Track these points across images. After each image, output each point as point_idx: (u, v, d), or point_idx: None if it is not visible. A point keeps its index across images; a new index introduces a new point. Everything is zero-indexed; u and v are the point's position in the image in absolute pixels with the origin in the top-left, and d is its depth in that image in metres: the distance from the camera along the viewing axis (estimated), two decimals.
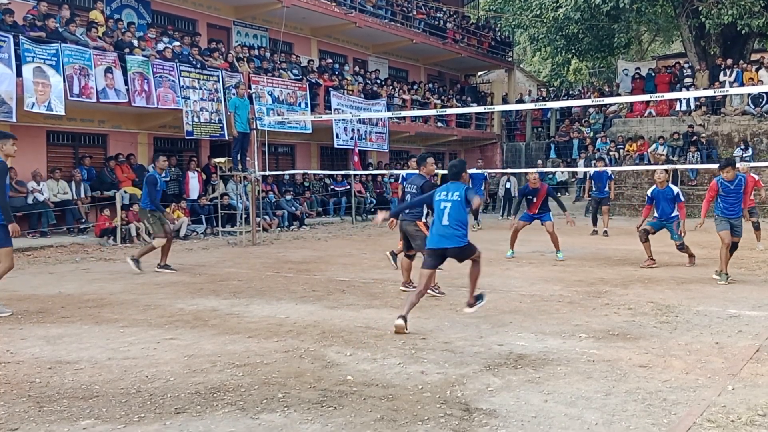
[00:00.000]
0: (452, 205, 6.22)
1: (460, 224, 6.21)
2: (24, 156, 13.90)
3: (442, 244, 6.24)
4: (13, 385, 4.51)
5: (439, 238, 6.27)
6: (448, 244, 6.22)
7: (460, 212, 6.21)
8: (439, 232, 6.26)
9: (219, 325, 6.31)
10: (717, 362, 5.00)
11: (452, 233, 6.18)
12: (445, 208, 6.24)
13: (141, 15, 17.26)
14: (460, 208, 6.21)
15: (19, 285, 8.71)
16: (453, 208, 6.21)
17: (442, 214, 6.25)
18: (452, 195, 6.25)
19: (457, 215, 6.20)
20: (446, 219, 6.22)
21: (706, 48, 25.19)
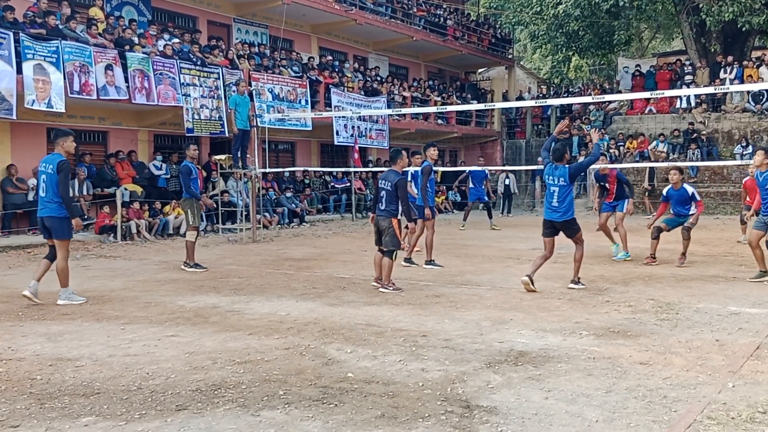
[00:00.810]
0: (560, 190, 7.81)
1: (567, 203, 7.79)
2: (24, 153, 13.91)
3: (551, 216, 7.89)
4: (15, 382, 4.52)
5: (548, 212, 7.92)
6: (556, 218, 7.83)
7: (568, 193, 7.81)
8: (549, 208, 7.91)
9: (220, 322, 6.32)
10: (717, 359, 5.01)
11: (560, 209, 7.81)
12: (554, 192, 7.81)
13: (141, 12, 17.24)
14: (567, 190, 7.80)
15: (19, 282, 8.70)
16: (561, 192, 7.81)
17: (551, 195, 7.85)
18: (558, 180, 7.81)
19: (565, 196, 7.80)
20: (556, 200, 7.83)
21: (706, 45, 25.17)
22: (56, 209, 7.14)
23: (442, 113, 24.08)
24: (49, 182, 7.14)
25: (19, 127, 13.74)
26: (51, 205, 7.15)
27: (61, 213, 7.15)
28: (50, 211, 7.15)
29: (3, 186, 13.21)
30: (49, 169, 7.18)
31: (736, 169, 21.24)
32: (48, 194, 7.17)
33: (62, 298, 7.22)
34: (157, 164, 15.76)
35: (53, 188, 7.12)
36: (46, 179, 7.19)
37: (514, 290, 7.97)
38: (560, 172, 7.87)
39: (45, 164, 7.26)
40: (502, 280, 8.71)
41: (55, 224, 7.16)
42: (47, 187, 7.17)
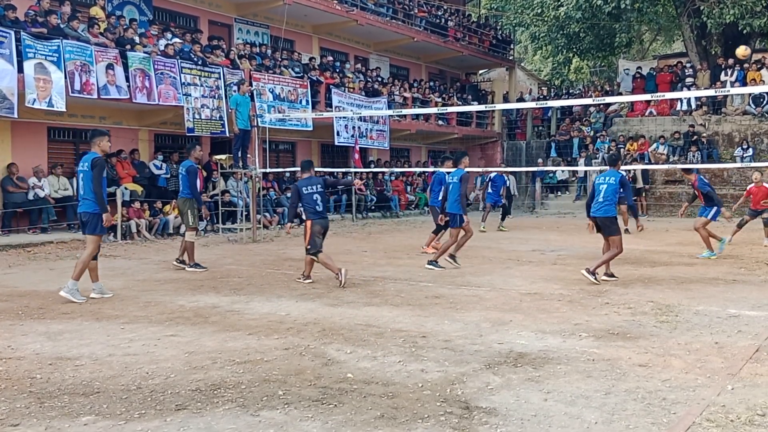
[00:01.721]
0: (608, 187, 8.59)
1: (610, 201, 8.55)
2: (25, 152, 13.92)
3: (596, 213, 8.64)
4: (14, 381, 4.52)
5: (594, 209, 8.68)
6: (598, 214, 8.59)
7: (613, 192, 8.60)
8: (595, 205, 8.68)
9: (219, 322, 6.32)
10: (716, 362, 5.01)
11: (603, 207, 8.59)
12: (601, 189, 8.62)
13: (142, 11, 17.24)
14: (614, 189, 8.57)
15: (19, 281, 8.72)
16: (608, 189, 8.59)
17: (599, 192, 8.66)
18: (609, 179, 8.62)
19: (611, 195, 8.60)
20: (601, 196, 8.60)
21: (707, 48, 25.18)
22: (90, 205, 7.44)
23: (442, 114, 24.09)
24: (86, 179, 7.45)
25: (19, 126, 13.74)
26: (86, 201, 7.46)
27: (95, 209, 7.43)
28: (85, 206, 7.47)
29: (3, 185, 13.21)
30: (85, 167, 7.47)
31: (736, 171, 21.26)
32: (84, 191, 7.49)
33: (65, 290, 7.34)
34: (158, 164, 15.77)
35: (88, 184, 7.42)
36: (83, 176, 7.51)
37: (513, 291, 7.98)
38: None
39: (82, 163, 7.59)
40: (502, 282, 8.71)
41: (87, 219, 7.47)
42: (84, 183, 7.49)
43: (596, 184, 8.67)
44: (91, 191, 7.40)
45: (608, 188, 8.55)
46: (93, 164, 7.39)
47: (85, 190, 7.48)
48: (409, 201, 23.01)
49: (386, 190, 22.14)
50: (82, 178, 7.53)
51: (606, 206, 8.53)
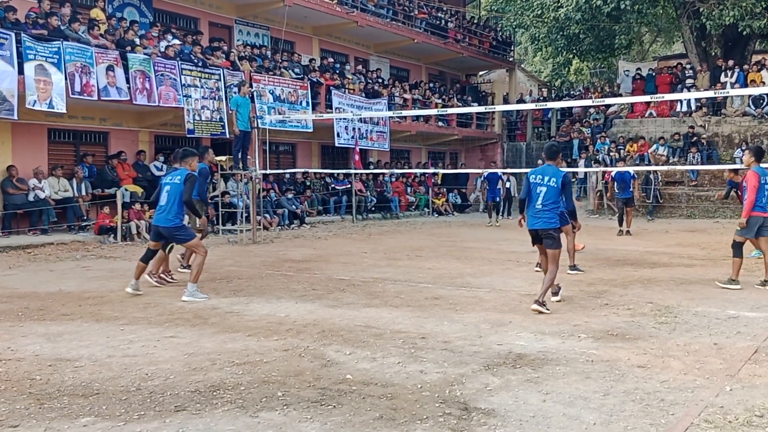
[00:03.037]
0: (548, 191, 6.86)
1: (551, 209, 6.86)
2: (25, 153, 13.93)
3: (536, 225, 6.95)
4: (14, 382, 4.53)
5: (533, 219, 6.99)
6: (538, 225, 6.91)
7: (555, 196, 6.86)
8: (532, 212, 6.96)
9: (219, 324, 6.33)
10: (715, 363, 5.02)
11: (544, 216, 6.87)
12: (541, 192, 6.86)
13: (143, 13, 17.27)
14: (556, 192, 6.85)
15: (19, 282, 8.73)
16: (549, 193, 6.86)
17: (537, 197, 6.89)
18: (549, 180, 6.86)
19: (554, 200, 6.86)
20: (540, 202, 6.88)
21: (707, 49, 25.19)
22: (172, 219, 7.55)
23: (442, 115, 24.10)
24: (175, 192, 7.54)
25: (20, 128, 13.75)
26: (167, 215, 7.55)
27: (176, 223, 7.59)
28: (165, 221, 7.55)
29: (3, 186, 13.22)
30: (176, 180, 7.59)
31: None
32: (169, 203, 7.56)
33: (187, 294, 7.43)
34: (158, 165, 15.78)
35: (177, 197, 7.52)
36: (169, 189, 7.61)
37: (513, 293, 7.98)
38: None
39: (171, 176, 7.74)
40: (502, 283, 8.72)
41: (172, 234, 7.64)
42: (169, 196, 7.56)
43: (532, 184, 6.92)
44: (178, 204, 7.51)
45: (549, 192, 6.85)
46: (187, 179, 7.52)
47: (171, 203, 7.52)
48: (410, 202, 23.02)
49: (386, 191, 22.16)
50: (169, 191, 7.58)
51: (547, 214, 6.87)
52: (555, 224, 6.88)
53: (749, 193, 8.15)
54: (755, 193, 8.11)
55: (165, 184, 7.72)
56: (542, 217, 6.89)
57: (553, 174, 6.87)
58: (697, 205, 21.42)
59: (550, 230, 6.86)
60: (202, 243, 7.74)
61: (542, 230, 6.92)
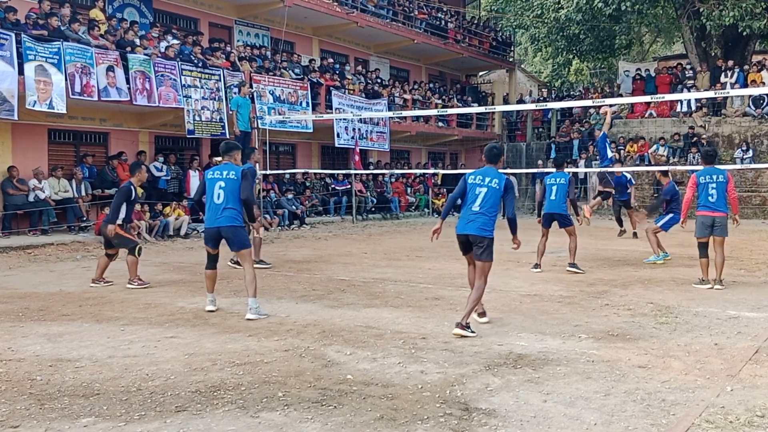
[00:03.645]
0: (488, 191, 6.11)
1: (490, 213, 6.08)
2: (25, 154, 13.93)
3: (467, 230, 6.10)
4: (15, 383, 4.53)
5: (464, 222, 6.13)
6: (470, 230, 6.08)
7: (495, 200, 6.10)
8: (468, 215, 6.11)
9: (219, 324, 6.33)
10: (716, 363, 5.01)
11: (479, 221, 6.05)
12: (480, 193, 6.12)
13: (143, 14, 17.27)
14: (497, 195, 6.11)
15: (19, 283, 8.72)
16: (489, 195, 6.11)
17: (474, 198, 6.12)
18: (492, 181, 6.14)
19: (492, 202, 6.09)
20: (477, 204, 6.10)
21: (707, 49, 25.20)
22: (234, 218, 6.65)
23: (442, 116, 24.10)
24: (232, 187, 6.64)
25: (20, 128, 13.75)
26: (228, 213, 6.63)
27: (238, 222, 6.69)
28: (227, 220, 6.63)
29: (3, 187, 13.22)
30: (232, 175, 6.65)
31: (736, 173, 21.25)
32: (226, 200, 6.64)
33: (251, 314, 6.51)
34: (158, 165, 15.78)
35: (236, 193, 6.65)
36: (225, 185, 6.64)
37: (513, 293, 7.98)
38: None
39: (224, 170, 6.74)
40: (502, 283, 8.71)
41: (231, 234, 6.66)
42: (230, 193, 6.64)
43: (470, 185, 6.21)
44: (238, 201, 6.65)
45: (489, 194, 6.09)
46: (244, 174, 6.68)
47: (229, 200, 6.62)
48: (410, 203, 23.03)
49: (386, 191, 22.16)
50: (224, 187, 6.62)
51: (483, 219, 6.05)
52: (490, 233, 6.05)
53: (686, 195, 8.81)
54: (690, 193, 8.70)
55: (215, 180, 6.70)
56: (477, 221, 6.04)
57: (495, 176, 6.20)
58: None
59: (484, 238, 6.02)
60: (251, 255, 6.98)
61: (474, 236, 6.05)
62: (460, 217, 6.17)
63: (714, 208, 8.46)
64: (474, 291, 6.01)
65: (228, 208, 6.62)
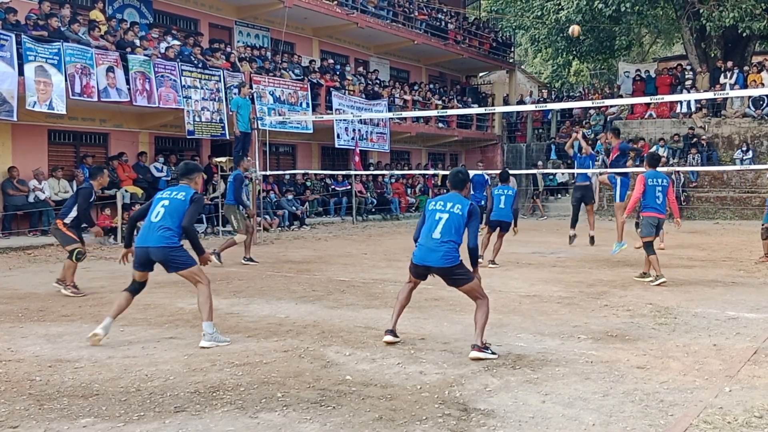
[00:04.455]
0: (450, 218, 5.48)
1: (454, 240, 5.44)
2: (26, 155, 13.94)
3: (432, 262, 5.44)
4: (14, 383, 4.53)
5: (424, 251, 5.49)
6: (434, 262, 5.42)
7: (458, 226, 5.48)
8: (428, 242, 5.48)
9: (219, 325, 6.31)
10: (715, 364, 5.02)
11: (443, 249, 5.40)
12: (441, 219, 5.49)
13: (143, 14, 17.29)
14: (459, 221, 5.48)
15: (19, 283, 8.73)
16: (450, 221, 5.47)
17: (436, 224, 5.48)
18: (454, 207, 5.53)
19: (455, 229, 5.47)
20: (438, 230, 5.45)
21: (707, 50, 25.22)
22: (168, 237, 5.70)
23: (442, 117, 24.10)
24: (172, 208, 5.75)
25: (20, 129, 13.77)
26: (164, 232, 5.69)
27: (175, 241, 5.74)
28: (160, 240, 5.68)
29: (4, 188, 13.23)
30: (179, 196, 5.80)
31: (736, 174, 21.28)
32: (164, 220, 5.72)
33: (206, 339, 5.57)
34: (159, 166, 15.79)
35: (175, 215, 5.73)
36: (168, 204, 5.78)
37: (513, 294, 7.98)
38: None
39: (170, 191, 5.94)
40: (501, 284, 8.72)
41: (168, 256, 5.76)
42: (166, 212, 5.75)
43: (430, 211, 5.60)
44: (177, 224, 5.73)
45: (451, 220, 5.46)
46: (195, 200, 5.84)
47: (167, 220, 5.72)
48: (410, 203, 23.03)
49: (386, 192, 22.16)
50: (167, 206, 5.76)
51: (446, 247, 5.39)
52: (457, 258, 5.41)
53: (635, 193, 9.09)
54: (638, 192, 8.97)
55: (162, 199, 5.89)
56: (439, 251, 5.39)
57: (458, 201, 5.57)
58: (697, 207, 21.43)
59: (452, 267, 5.40)
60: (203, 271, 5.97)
61: (439, 269, 5.43)
62: (419, 245, 5.56)
63: (660, 210, 8.91)
64: (478, 310, 5.44)
65: (163, 227, 5.68)
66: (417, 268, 5.58)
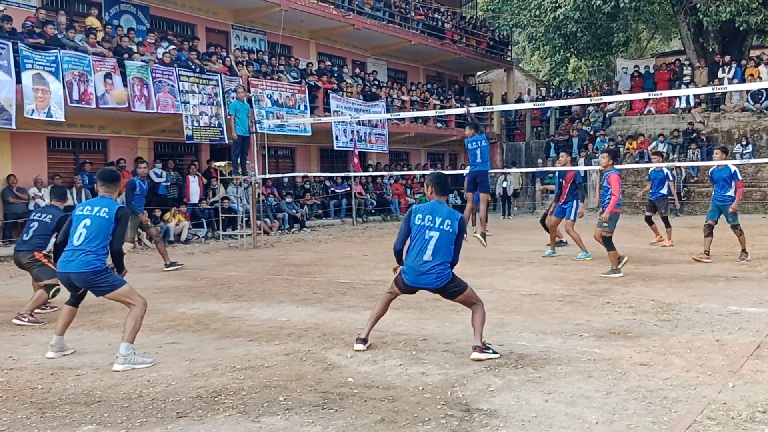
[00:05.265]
0: (440, 236, 5.18)
1: (446, 259, 5.22)
2: (25, 162, 13.94)
3: (421, 283, 5.22)
4: (16, 392, 4.53)
5: (415, 275, 5.21)
6: (430, 284, 5.22)
7: (449, 245, 5.22)
8: (417, 268, 5.19)
9: (220, 329, 6.33)
10: (717, 359, 5.01)
11: (435, 272, 5.19)
12: (431, 238, 5.18)
13: (140, 20, 17.28)
14: (451, 239, 5.22)
15: (20, 291, 8.72)
16: (442, 239, 5.18)
17: (426, 245, 5.18)
18: (442, 223, 5.20)
19: (446, 249, 5.21)
20: (430, 253, 5.16)
21: (704, 45, 25.21)
22: (90, 261, 5.19)
23: (441, 117, 24.10)
24: (95, 228, 5.24)
25: (19, 137, 13.77)
26: (85, 257, 5.18)
27: (98, 265, 5.23)
28: (81, 265, 5.17)
29: (3, 196, 13.23)
30: (101, 213, 5.28)
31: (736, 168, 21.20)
32: (87, 243, 5.22)
33: (121, 360, 5.07)
34: (158, 171, 15.79)
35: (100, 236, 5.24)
36: (90, 224, 5.25)
37: (514, 293, 7.97)
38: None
39: (91, 207, 5.37)
40: (503, 283, 8.71)
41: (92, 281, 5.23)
42: (88, 233, 5.24)
43: (418, 227, 5.28)
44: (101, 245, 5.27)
45: (442, 239, 5.23)
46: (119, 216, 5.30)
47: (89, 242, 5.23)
48: (409, 204, 23.03)
49: (386, 193, 22.16)
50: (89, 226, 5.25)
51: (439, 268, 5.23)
52: (450, 273, 5.24)
53: (615, 193, 9.14)
54: (619, 192, 9.19)
55: (82, 218, 5.28)
56: (433, 272, 5.17)
57: (447, 215, 5.23)
58: (698, 202, 21.41)
59: (447, 284, 5.23)
60: (136, 291, 5.44)
61: (435, 289, 5.27)
62: (409, 265, 5.23)
63: (620, 206, 9.47)
64: (475, 314, 5.28)
65: (85, 251, 5.17)
66: (407, 287, 5.35)
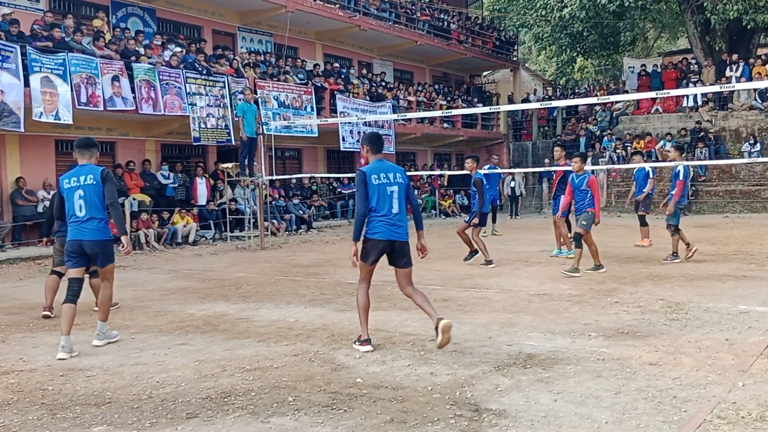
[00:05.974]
0: (399, 189, 5.41)
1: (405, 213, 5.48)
2: (33, 165, 14.02)
3: (393, 236, 5.35)
4: (26, 393, 4.55)
5: (388, 229, 5.34)
6: (399, 237, 5.37)
7: (405, 196, 5.48)
8: (389, 221, 5.33)
9: (229, 330, 6.34)
10: (727, 359, 4.99)
11: (404, 224, 5.41)
12: (393, 193, 5.36)
13: (147, 23, 17.35)
14: (405, 191, 5.47)
15: (30, 293, 8.77)
16: (401, 192, 5.43)
17: (390, 199, 5.34)
18: (396, 177, 5.42)
19: (403, 201, 5.45)
20: (397, 206, 5.37)
21: (711, 44, 25.11)
22: (102, 229, 5.74)
23: (447, 117, 24.09)
24: (90, 196, 5.74)
25: (27, 140, 13.84)
26: (98, 225, 5.70)
27: (109, 234, 5.79)
28: (94, 233, 5.66)
29: (13, 198, 13.31)
30: (89, 180, 5.78)
31: (744, 167, 21.16)
32: (90, 211, 5.71)
33: (99, 338, 5.82)
34: (165, 173, 15.85)
35: (96, 202, 5.73)
36: (84, 194, 5.74)
37: (522, 293, 7.96)
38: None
39: (77, 177, 5.90)
40: (511, 283, 8.70)
41: (100, 249, 5.74)
42: (87, 203, 5.72)
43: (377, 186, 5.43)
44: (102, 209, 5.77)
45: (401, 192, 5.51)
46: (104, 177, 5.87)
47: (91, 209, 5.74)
48: None
49: None
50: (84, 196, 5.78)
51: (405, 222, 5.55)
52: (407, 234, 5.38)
53: (597, 195, 9.49)
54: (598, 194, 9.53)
55: (73, 189, 5.83)
56: (404, 226, 5.39)
57: (395, 170, 5.48)
58: (706, 201, 21.33)
59: (408, 243, 5.39)
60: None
61: (401, 243, 5.37)
62: (378, 222, 5.34)
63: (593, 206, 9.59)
64: (418, 296, 5.44)
65: (93, 219, 5.67)
66: (383, 244, 5.36)
